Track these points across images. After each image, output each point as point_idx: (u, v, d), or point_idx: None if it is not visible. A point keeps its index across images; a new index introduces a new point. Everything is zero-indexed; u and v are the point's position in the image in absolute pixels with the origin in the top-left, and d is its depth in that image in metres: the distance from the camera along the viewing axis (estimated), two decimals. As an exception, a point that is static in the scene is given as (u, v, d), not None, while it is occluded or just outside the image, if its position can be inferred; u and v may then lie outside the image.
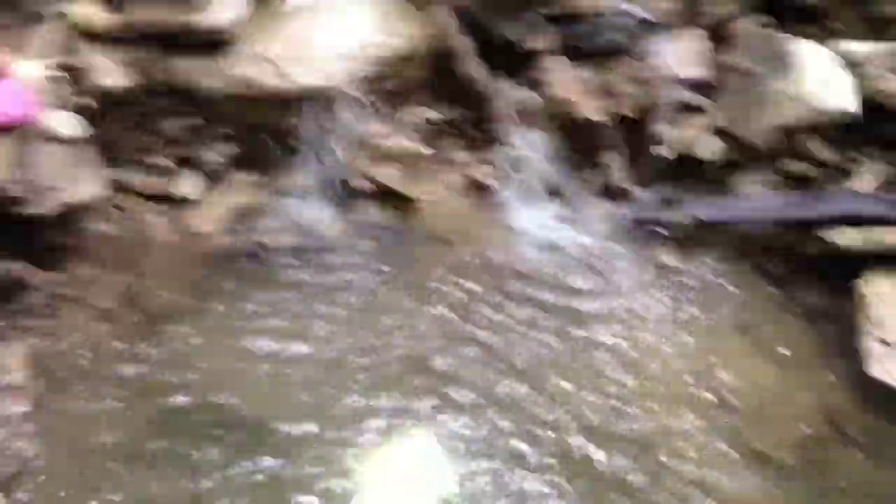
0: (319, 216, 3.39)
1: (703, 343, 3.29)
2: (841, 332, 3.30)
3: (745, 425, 2.94)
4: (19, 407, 2.42)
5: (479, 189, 3.77)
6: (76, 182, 2.61)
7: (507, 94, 3.79)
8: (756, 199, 3.73)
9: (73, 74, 2.79)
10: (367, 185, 3.44)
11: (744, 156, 3.82)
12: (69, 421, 2.47)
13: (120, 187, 3.08)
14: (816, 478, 2.78)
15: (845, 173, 3.82)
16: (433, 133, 3.73)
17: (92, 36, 2.91)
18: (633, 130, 3.84)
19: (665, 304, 3.46)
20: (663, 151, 3.80)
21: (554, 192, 3.83)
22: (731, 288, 3.57)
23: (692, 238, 3.71)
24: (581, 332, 3.25)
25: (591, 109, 3.72)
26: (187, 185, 3.21)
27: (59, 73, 2.70)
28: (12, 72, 2.42)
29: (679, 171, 3.85)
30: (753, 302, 3.51)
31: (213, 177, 3.28)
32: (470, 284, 3.36)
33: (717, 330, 3.38)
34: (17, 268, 2.62)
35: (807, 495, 2.72)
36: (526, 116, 3.81)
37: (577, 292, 3.45)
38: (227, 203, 3.26)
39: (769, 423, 2.97)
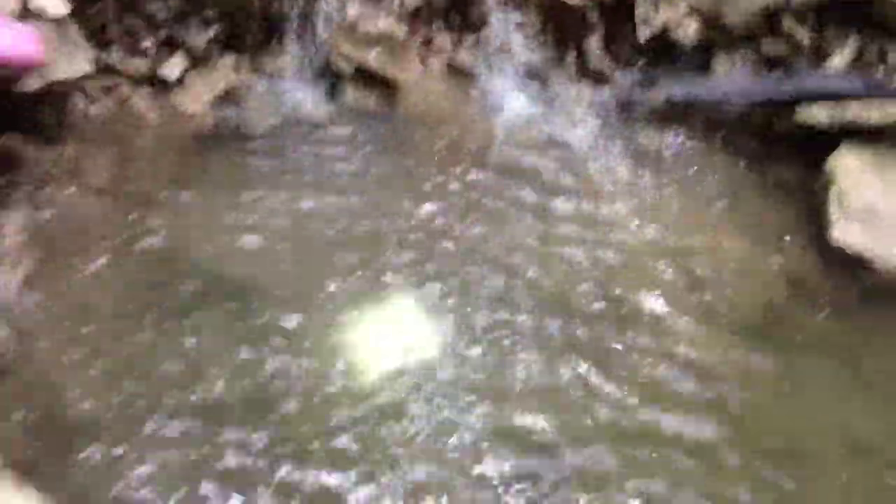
0: (303, 98, 3.47)
1: (675, 217, 3.41)
2: (810, 206, 3.43)
3: (712, 292, 3.08)
4: (17, 272, 2.53)
5: (460, 73, 3.84)
6: (62, 59, 2.66)
7: (490, -24, 3.83)
8: (731, 78, 3.81)
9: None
10: (349, 68, 3.50)
11: (722, 37, 3.88)
12: (67, 285, 2.59)
13: (106, 69, 3.14)
14: (778, 335, 2.93)
15: (822, 54, 3.88)
16: (415, 17, 3.77)
17: None
18: (614, 13, 3.89)
19: (638, 180, 3.57)
20: (644, 34, 3.86)
21: (534, 75, 3.90)
22: (704, 165, 3.68)
23: (668, 117, 3.79)
24: (558, 207, 3.35)
25: (571, -9, 3.77)
26: (173, 66, 3.27)
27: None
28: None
29: (657, 53, 3.92)
30: (727, 178, 3.62)
31: (199, 58, 3.34)
32: (451, 168, 3.45)
33: (691, 205, 3.50)
34: (10, 143, 2.70)
35: (771, 351, 2.87)
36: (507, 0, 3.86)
37: (554, 172, 3.55)
38: (212, 84, 3.33)
39: (735, 289, 3.11)
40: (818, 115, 3.58)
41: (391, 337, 2.69)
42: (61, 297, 2.56)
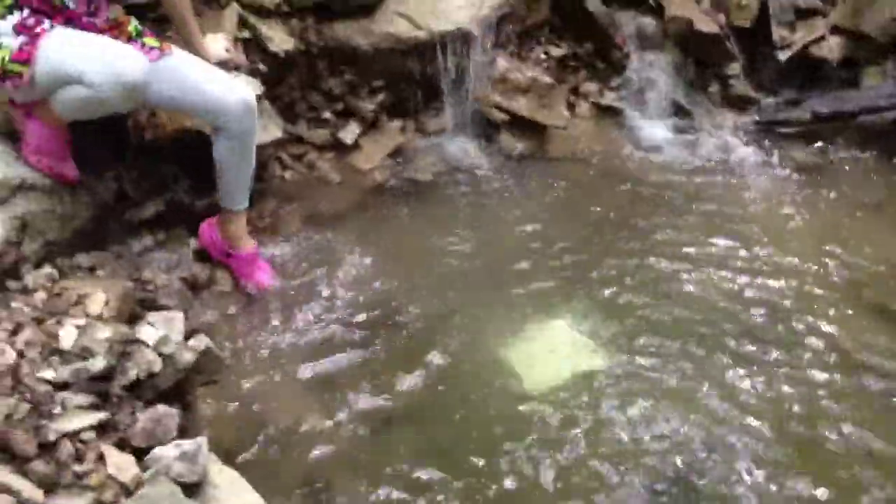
0: (463, 148, 3.83)
1: (837, 221, 3.46)
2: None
3: (877, 291, 3.08)
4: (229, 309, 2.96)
5: (607, 114, 4.09)
6: (259, 131, 3.13)
7: (628, 22, 4.10)
8: (876, 88, 3.83)
9: (248, 44, 3.36)
10: (502, 117, 3.84)
11: (864, 50, 3.93)
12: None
13: (294, 139, 3.64)
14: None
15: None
16: (560, 66, 4.08)
17: (261, 11, 3.48)
18: (752, 39, 4.04)
19: (797, 192, 3.65)
20: (784, 56, 3.97)
21: (679, 109, 4.09)
22: (861, 173, 3.70)
23: (819, 134, 3.87)
24: (717, 226, 3.47)
25: (707, 23, 3.95)
26: (349, 132, 3.73)
27: (237, 44, 3.25)
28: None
29: (801, 74, 4.02)
30: (885, 184, 3.64)
31: (369, 124, 3.79)
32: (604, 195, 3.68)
33: (851, 211, 3.53)
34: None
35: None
36: (647, 41, 4.09)
37: (708, 193, 3.68)
38: (382, 144, 3.76)
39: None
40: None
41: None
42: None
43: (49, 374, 2.08)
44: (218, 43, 2.96)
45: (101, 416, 2.05)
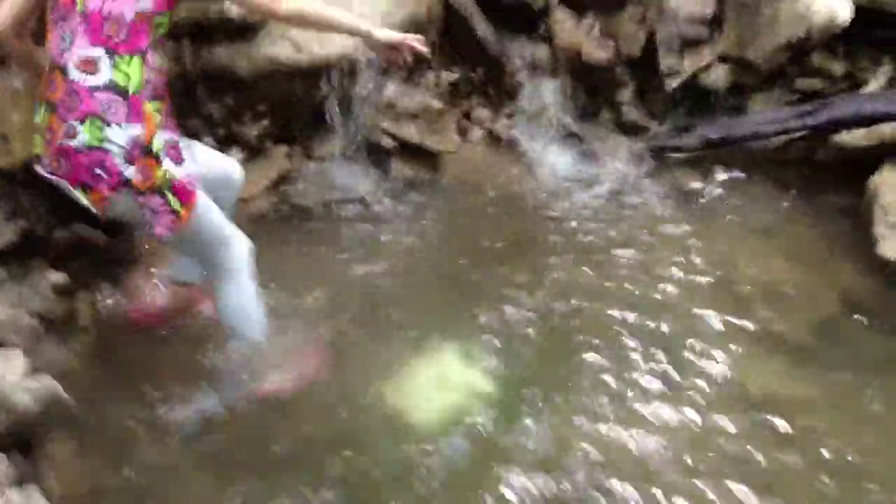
0: (351, 174, 3.71)
1: (725, 248, 3.45)
2: (856, 227, 3.44)
3: (765, 314, 3.07)
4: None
5: (499, 141, 4.04)
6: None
7: (520, 49, 4.07)
8: (764, 114, 3.88)
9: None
10: (392, 144, 3.74)
11: (751, 78, 3.99)
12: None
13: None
14: (831, 353, 2.89)
15: (855, 83, 3.93)
16: (451, 92, 4.01)
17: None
18: (641, 68, 4.05)
19: (687, 218, 3.64)
20: (672, 84, 4.00)
21: (572, 135, 4.06)
22: (749, 198, 3.73)
23: (708, 159, 3.89)
24: (611, 252, 3.42)
25: (596, 52, 3.95)
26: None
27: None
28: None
29: (690, 101, 4.05)
30: (772, 209, 3.68)
31: (253, 150, 3.63)
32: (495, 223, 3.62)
33: (739, 236, 3.54)
34: (83, 232, 2.98)
35: (823, 370, 2.83)
36: (539, 68, 4.07)
37: (601, 218, 3.65)
38: (267, 171, 3.61)
39: (788, 310, 3.09)
40: (860, 137, 3.61)
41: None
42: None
43: None
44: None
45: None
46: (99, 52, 2.26)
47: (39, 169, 2.41)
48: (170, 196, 2.34)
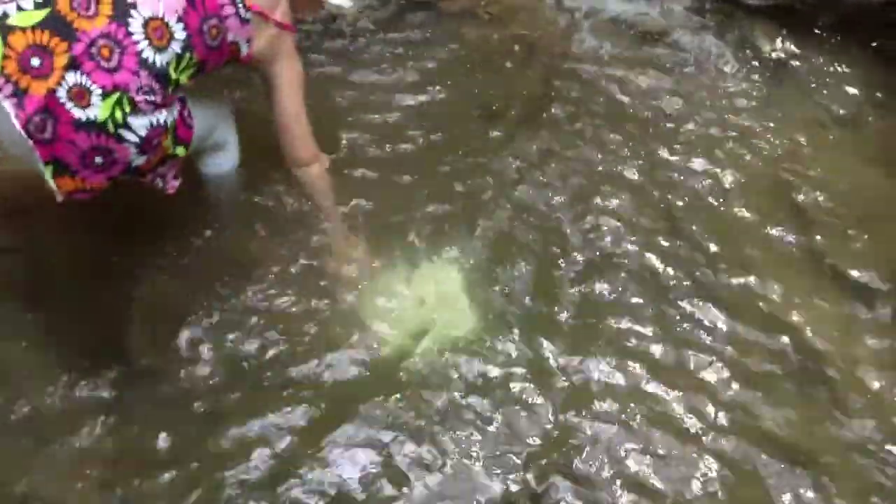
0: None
1: (796, 136, 2.72)
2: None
3: (832, 241, 2.40)
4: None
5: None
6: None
7: None
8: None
9: None
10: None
11: None
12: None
13: None
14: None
15: None
16: None
17: None
18: None
19: (753, 89, 2.90)
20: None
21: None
22: (835, 72, 2.94)
23: (790, 12, 3.06)
24: (664, 124, 2.74)
25: None
26: None
27: None
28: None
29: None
30: (860, 90, 2.90)
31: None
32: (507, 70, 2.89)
33: (815, 122, 2.80)
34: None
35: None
36: None
37: (654, 88, 2.90)
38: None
39: (862, 241, 2.42)
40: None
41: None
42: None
43: None
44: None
45: None
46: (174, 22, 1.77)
47: None
48: (174, 150, 1.89)
